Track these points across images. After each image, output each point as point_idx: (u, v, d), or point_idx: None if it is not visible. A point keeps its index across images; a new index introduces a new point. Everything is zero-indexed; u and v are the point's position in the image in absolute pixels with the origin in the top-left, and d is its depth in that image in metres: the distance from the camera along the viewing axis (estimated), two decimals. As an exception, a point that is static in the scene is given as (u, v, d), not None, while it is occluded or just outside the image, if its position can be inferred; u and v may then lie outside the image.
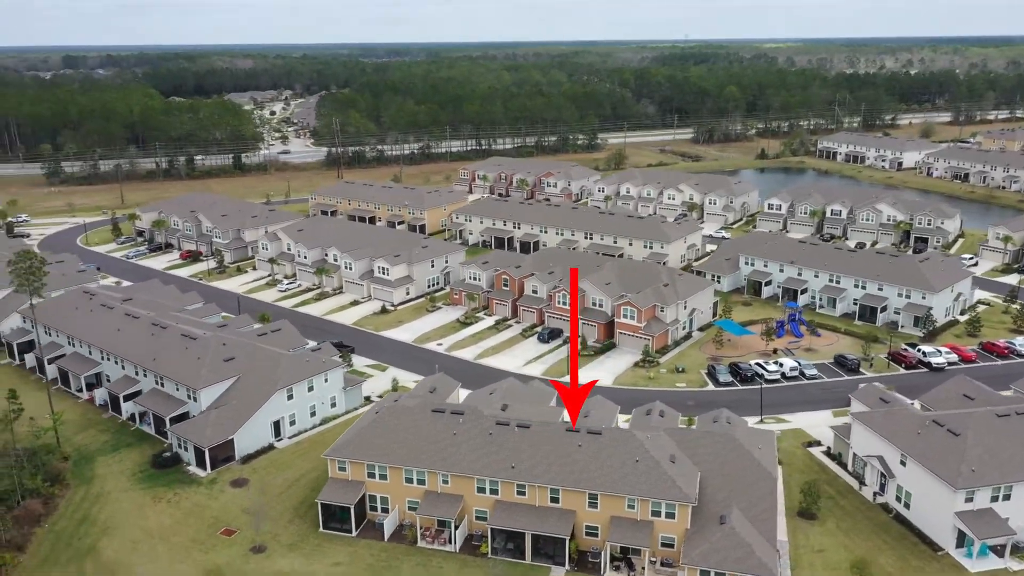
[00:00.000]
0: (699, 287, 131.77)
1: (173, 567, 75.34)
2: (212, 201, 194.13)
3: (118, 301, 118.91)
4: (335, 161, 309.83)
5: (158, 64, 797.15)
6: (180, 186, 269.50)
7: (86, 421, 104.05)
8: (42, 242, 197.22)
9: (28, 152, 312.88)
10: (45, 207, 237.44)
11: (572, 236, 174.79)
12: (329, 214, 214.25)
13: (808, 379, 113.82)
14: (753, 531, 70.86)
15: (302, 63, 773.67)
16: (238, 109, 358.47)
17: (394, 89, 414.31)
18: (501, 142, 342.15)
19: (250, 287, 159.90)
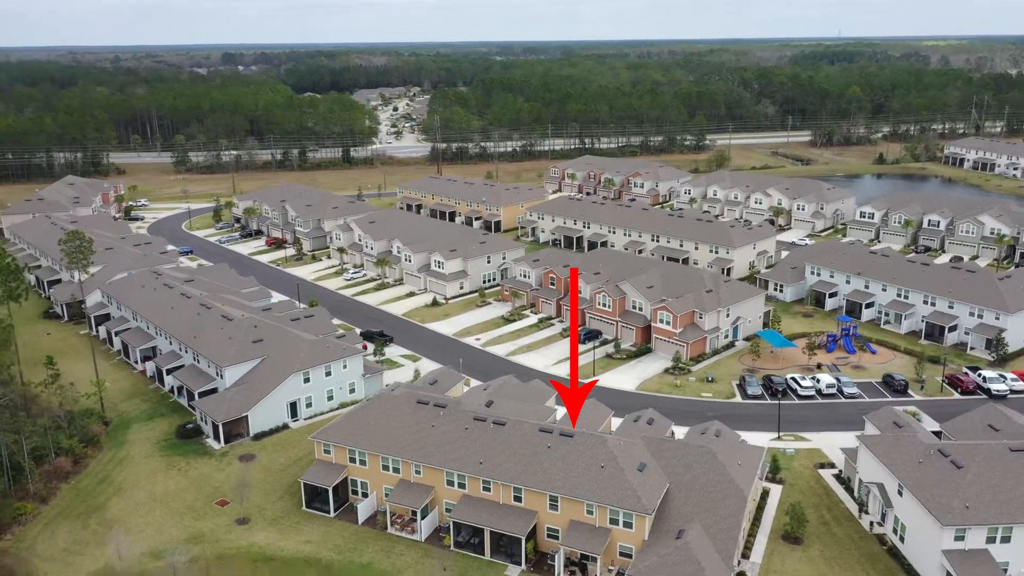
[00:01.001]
0: (746, 295, 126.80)
1: (163, 530, 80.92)
2: (300, 192, 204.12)
3: (180, 282, 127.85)
4: (438, 156, 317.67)
5: (301, 61, 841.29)
6: (288, 177, 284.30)
7: (135, 390, 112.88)
8: (151, 226, 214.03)
9: (164, 142, 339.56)
10: (166, 193, 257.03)
11: (639, 238, 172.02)
12: (414, 208, 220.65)
13: (846, 397, 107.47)
14: (710, 548, 68.28)
15: (433, 60, 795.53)
16: (354, 104, 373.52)
17: (506, 87, 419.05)
18: (606, 141, 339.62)
19: (320, 275, 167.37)
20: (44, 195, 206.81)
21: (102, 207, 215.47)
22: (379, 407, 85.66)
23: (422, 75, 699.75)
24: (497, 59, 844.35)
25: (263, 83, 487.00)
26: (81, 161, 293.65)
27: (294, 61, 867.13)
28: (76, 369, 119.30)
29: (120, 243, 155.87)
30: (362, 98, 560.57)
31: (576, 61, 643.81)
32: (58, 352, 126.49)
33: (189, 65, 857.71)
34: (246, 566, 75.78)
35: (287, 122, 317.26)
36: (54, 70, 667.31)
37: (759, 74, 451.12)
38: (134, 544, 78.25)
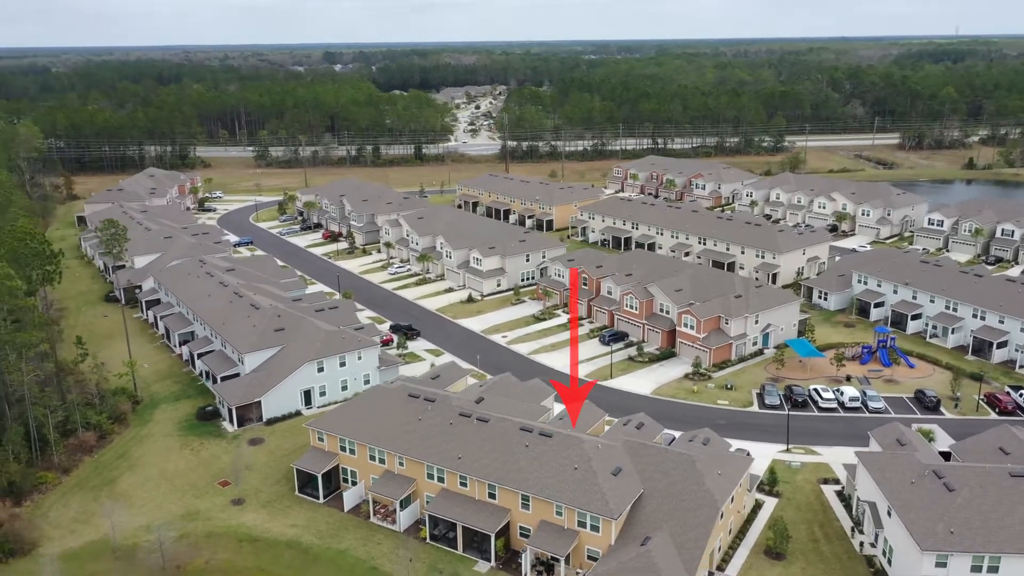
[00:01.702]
0: (779, 301, 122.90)
1: (163, 505, 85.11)
2: (359, 187, 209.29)
3: (221, 271, 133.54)
4: (508, 154, 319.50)
5: (396, 59, 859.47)
6: (360, 172, 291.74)
7: (169, 372, 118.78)
8: (222, 217, 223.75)
9: (249, 137, 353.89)
10: (241, 186, 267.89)
11: (686, 240, 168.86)
12: (470, 205, 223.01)
13: (871, 412, 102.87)
14: (673, 557, 66.96)
15: (522, 59, 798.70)
16: (430, 102, 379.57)
17: (583, 86, 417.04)
18: (679, 142, 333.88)
19: (367, 268, 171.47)
20: (124, 185, 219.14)
21: (177, 198, 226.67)
22: (373, 399, 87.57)
23: (509, 74, 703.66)
24: (588, 58, 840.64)
25: (348, 80, 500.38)
26: (169, 154, 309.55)
27: (390, 60, 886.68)
28: (122, 350, 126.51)
29: (180, 232, 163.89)
30: (447, 96, 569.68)
31: (664, 60, 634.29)
32: (109, 334, 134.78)
33: (291, 63, 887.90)
34: (231, 544, 78.90)
35: (361, 119, 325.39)
36: (163, 68, 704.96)
37: (850, 73, 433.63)
38: (135, 517, 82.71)
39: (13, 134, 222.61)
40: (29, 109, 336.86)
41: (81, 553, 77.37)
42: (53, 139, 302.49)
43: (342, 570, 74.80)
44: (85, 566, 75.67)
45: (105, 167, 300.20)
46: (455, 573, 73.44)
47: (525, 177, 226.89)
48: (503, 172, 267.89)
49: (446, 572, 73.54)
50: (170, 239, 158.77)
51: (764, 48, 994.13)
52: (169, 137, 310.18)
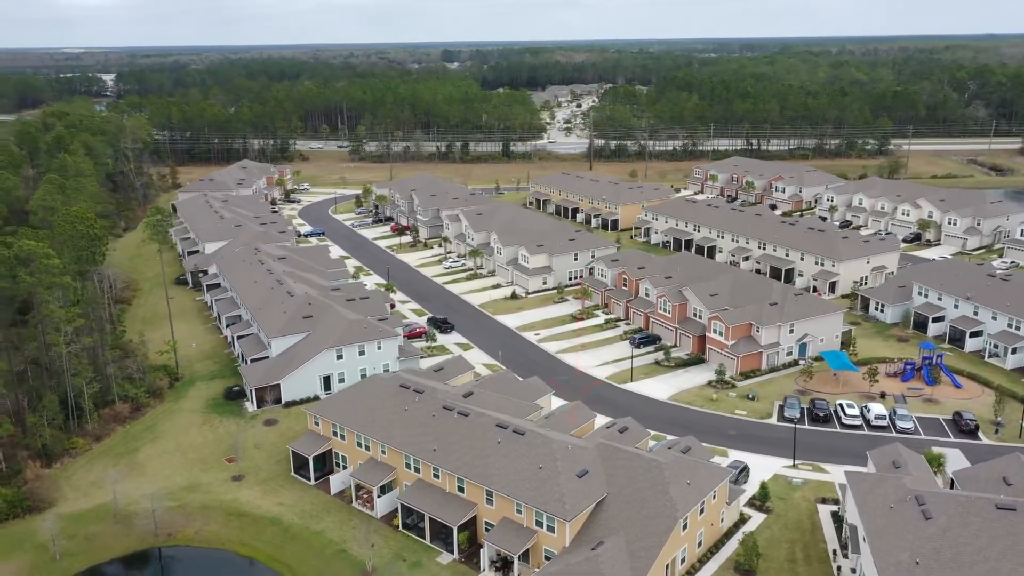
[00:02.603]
0: (819, 311, 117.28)
1: (171, 476, 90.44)
2: (430, 182, 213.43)
3: (272, 259, 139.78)
4: (596, 153, 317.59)
5: (509, 57, 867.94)
6: (447, 169, 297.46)
7: (213, 353, 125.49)
8: (304, 208, 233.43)
9: (349, 132, 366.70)
10: (329, 180, 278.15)
11: (746, 244, 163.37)
12: (541, 203, 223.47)
13: (898, 432, 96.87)
14: (623, 564, 65.71)
15: (633, 57, 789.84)
16: (525, 100, 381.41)
17: (682, 84, 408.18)
18: (776, 143, 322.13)
19: (423, 262, 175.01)
20: (216, 176, 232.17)
21: (265, 189, 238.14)
22: (367, 387, 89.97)
23: (617, 72, 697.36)
24: (702, 56, 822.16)
25: (452, 78, 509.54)
26: (271, 147, 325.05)
27: (504, 58, 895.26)
28: (180, 329, 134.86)
29: (249, 221, 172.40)
30: (551, 94, 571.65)
31: (777, 59, 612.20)
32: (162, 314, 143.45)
33: (411, 61, 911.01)
34: (221, 517, 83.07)
35: (452, 115, 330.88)
36: (286, 65, 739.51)
37: (975, 73, 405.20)
38: (143, 485, 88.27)
39: (121, 126, 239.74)
40: (148, 103, 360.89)
41: (87, 515, 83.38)
42: (167, 131, 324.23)
43: (313, 549, 77.42)
44: (86, 527, 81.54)
45: (212, 158, 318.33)
46: (418, 562, 74.67)
47: (596, 176, 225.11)
48: (586, 170, 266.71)
49: (409, 561, 74.87)
50: (240, 227, 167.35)
51: (896, 47, 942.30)
52: (271, 131, 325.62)
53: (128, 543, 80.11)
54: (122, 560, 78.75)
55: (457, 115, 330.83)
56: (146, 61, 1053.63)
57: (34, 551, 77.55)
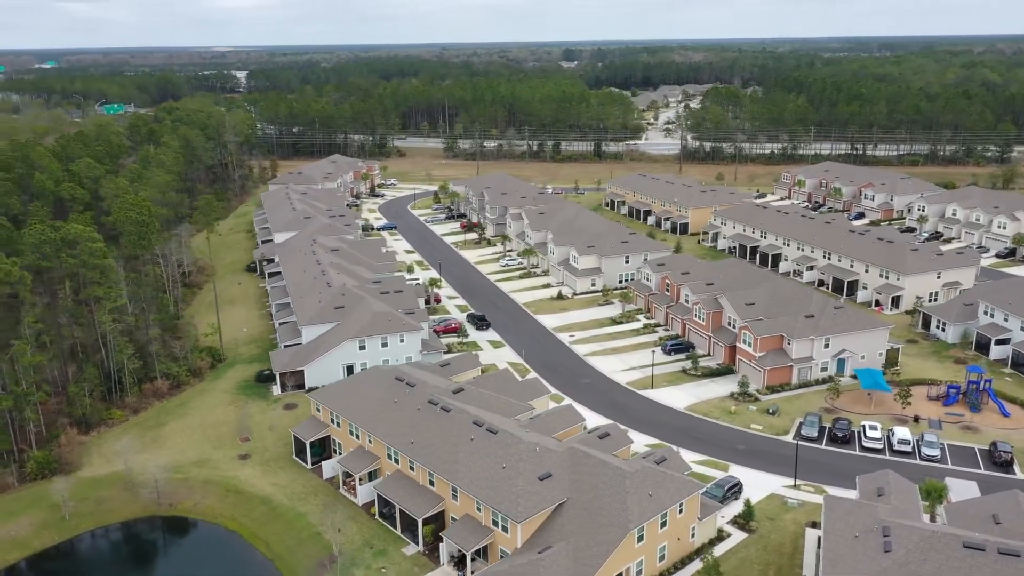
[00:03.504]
0: (859, 326, 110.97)
1: (184, 450, 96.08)
2: (503, 181, 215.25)
3: (325, 250, 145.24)
4: (690, 155, 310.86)
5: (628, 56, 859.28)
6: (534, 167, 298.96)
7: (259, 337, 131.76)
8: (386, 203, 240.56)
9: (448, 130, 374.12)
10: (417, 176, 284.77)
11: (811, 253, 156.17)
12: (615, 204, 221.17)
13: (922, 459, 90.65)
14: (565, 571, 64.99)
15: (754, 57, 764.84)
16: (624, 100, 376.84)
17: (788, 85, 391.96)
18: (883, 148, 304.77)
19: (482, 259, 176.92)
20: (304, 170, 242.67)
21: (351, 183, 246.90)
22: (366, 378, 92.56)
23: (734, 72, 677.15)
24: (827, 55, 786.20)
25: (556, 77, 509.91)
26: (370, 143, 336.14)
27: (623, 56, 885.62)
28: (238, 314, 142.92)
29: (319, 214, 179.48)
30: (661, 95, 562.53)
31: (904, 59, 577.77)
32: (234, 299, 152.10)
33: (532, 60, 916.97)
34: (219, 492, 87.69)
35: (545, 114, 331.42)
36: (405, 63, 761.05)
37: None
38: (160, 457, 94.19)
39: (222, 120, 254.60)
40: (262, 99, 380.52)
41: (101, 480, 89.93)
42: (276, 126, 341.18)
43: (292, 530, 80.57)
44: (99, 491, 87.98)
45: (315, 153, 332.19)
46: (384, 551, 76.39)
47: (672, 178, 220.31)
48: (676, 172, 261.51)
49: (376, 549, 76.69)
50: (309, 219, 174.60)
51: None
52: (371, 127, 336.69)
53: (133, 509, 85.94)
54: (123, 524, 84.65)
55: (549, 114, 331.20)
56: (282, 59, 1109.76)
57: (47, 510, 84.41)
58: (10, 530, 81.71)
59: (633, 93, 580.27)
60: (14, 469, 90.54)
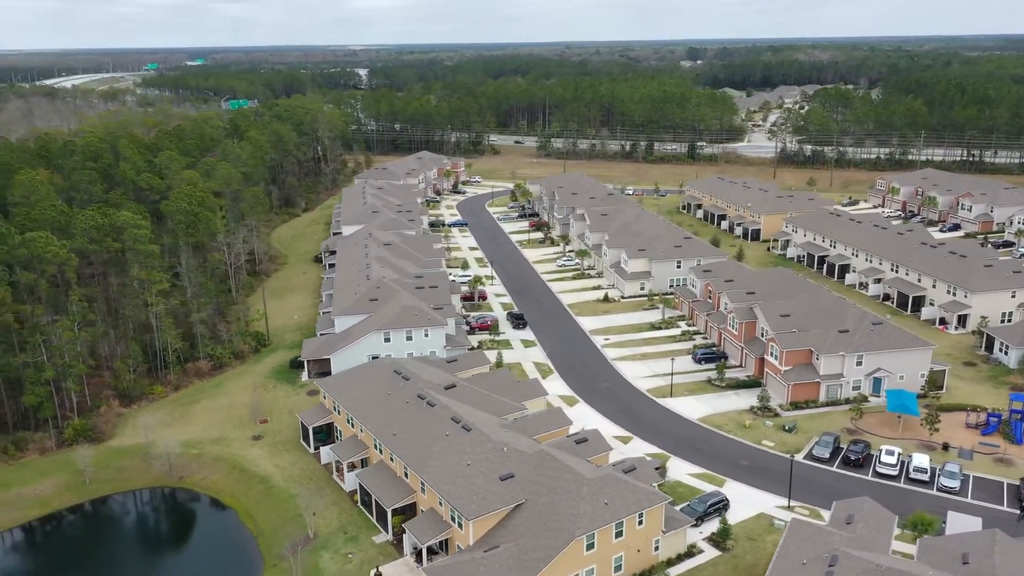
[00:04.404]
0: (898, 344, 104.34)
1: (206, 427, 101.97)
2: (578, 181, 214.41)
3: (378, 245, 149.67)
4: (788, 158, 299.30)
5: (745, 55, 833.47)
6: (624, 168, 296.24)
7: (307, 324, 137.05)
8: (466, 200, 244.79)
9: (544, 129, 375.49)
10: (502, 174, 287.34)
11: (879, 265, 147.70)
12: (692, 207, 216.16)
13: (939, 489, 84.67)
14: (507, 572, 65.18)
15: (886, 56, 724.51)
16: (725, 100, 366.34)
17: (906, 87, 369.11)
18: (1004, 155, 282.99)
19: (542, 258, 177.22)
20: (389, 166, 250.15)
21: (434, 180, 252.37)
22: (368, 369, 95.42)
23: (860, 72, 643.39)
24: (967, 54, 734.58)
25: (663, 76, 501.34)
26: (465, 140, 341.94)
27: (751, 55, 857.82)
28: (295, 301, 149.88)
29: (386, 208, 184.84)
30: (776, 95, 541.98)
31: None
32: (296, 286, 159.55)
33: (654, 59, 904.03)
34: (225, 469, 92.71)
35: (639, 114, 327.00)
36: (520, 62, 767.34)
37: None
38: (183, 432, 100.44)
39: (315, 117, 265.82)
40: (364, 96, 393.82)
41: (125, 450, 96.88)
42: (377, 122, 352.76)
43: (280, 510, 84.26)
44: (120, 460, 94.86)
45: (412, 149, 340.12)
46: (355, 537, 78.71)
47: (753, 182, 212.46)
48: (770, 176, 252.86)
49: (349, 534, 79.13)
50: (376, 214, 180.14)
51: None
52: (466, 125, 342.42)
53: (146, 479, 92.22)
54: (136, 492, 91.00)
55: (643, 114, 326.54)
56: (408, 57, 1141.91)
57: (73, 473, 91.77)
58: (36, 489, 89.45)
59: (748, 93, 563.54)
60: (53, 434, 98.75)
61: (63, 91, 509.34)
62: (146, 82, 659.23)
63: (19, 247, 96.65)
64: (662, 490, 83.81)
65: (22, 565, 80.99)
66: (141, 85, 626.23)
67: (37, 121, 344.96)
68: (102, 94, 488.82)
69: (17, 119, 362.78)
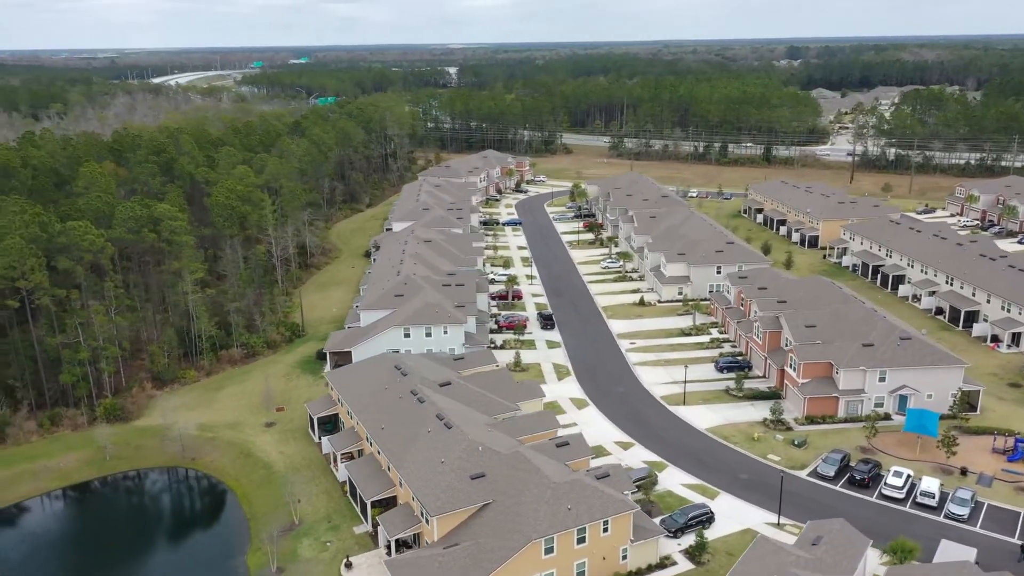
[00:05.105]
0: (927, 362, 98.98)
1: (225, 412, 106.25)
2: (635, 181, 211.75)
3: (418, 242, 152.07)
4: (870, 162, 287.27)
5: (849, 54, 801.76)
6: (693, 170, 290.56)
7: (341, 317, 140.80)
8: (524, 200, 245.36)
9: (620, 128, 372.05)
10: (571, 174, 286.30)
11: (934, 278, 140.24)
12: (752, 212, 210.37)
13: (946, 517, 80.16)
14: (463, 570, 65.73)
15: (999, 55, 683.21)
16: (809, 101, 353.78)
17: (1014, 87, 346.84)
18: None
19: (587, 259, 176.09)
20: (452, 163, 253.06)
21: (497, 178, 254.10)
22: (372, 363, 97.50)
23: (969, 72, 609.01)
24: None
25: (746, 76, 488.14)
26: (537, 139, 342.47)
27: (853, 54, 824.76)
28: (337, 294, 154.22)
29: (436, 205, 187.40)
30: (871, 97, 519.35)
31: None
32: (341, 280, 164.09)
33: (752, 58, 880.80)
34: (233, 453, 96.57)
35: (713, 115, 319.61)
36: (607, 61, 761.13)
37: None
38: (203, 416, 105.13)
39: (383, 115, 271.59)
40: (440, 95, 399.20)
41: (147, 430, 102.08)
42: (451, 119, 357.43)
43: (275, 496, 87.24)
44: (140, 439, 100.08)
45: (486, 147, 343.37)
46: (337, 527, 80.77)
47: (814, 186, 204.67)
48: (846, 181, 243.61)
49: (332, 523, 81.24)
50: (427, 211, 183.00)
51: None
52: (539, 124, 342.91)
53: (161, 459, 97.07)
54: (150, 470, 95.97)
55: (718, 115, 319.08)
56: (503, 56, 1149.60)
57: (95, 450, 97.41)
58: (60, 462, 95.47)
59: (842, 94, 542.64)
60: (86, 412, 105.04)
61: (166, 88, 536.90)
62: (245, 79, 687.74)
63: (59, 235, 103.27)
64: (652, 499, 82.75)
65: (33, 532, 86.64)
66: (240, 82, 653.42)
67: (138, 116, 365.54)
68: (200, 91, 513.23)
69: (122, 114, 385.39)
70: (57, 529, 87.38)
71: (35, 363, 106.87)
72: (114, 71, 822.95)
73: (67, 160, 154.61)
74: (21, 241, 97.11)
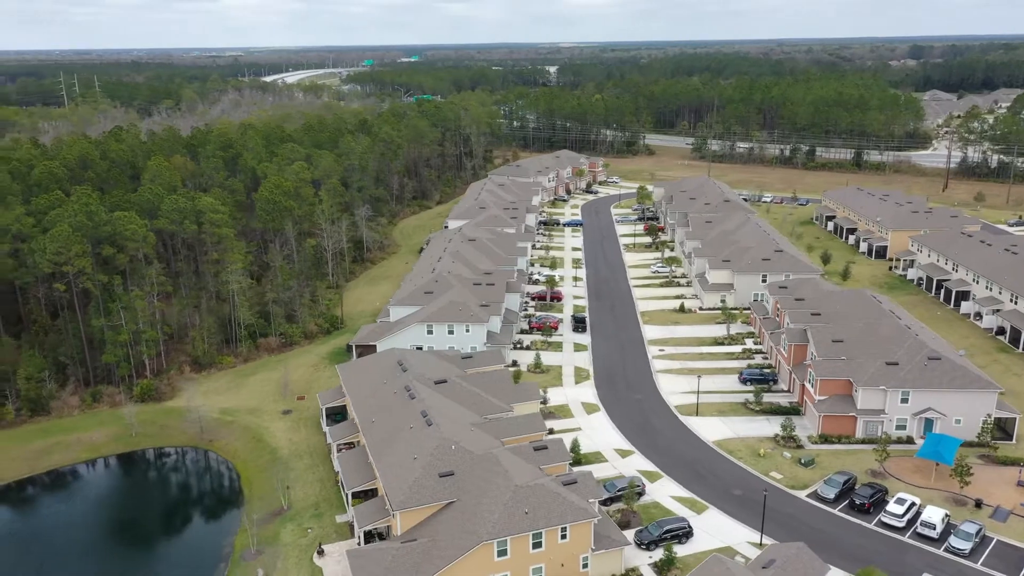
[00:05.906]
0: (956, 384, 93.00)
1: (246, 399, 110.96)
2: (702, 184, 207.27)
3: (462, 240, 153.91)
4: (969, 169, 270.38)
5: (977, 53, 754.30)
6: (775, 174, 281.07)
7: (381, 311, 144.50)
8: (592, 201, 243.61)
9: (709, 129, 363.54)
10: (644, 176, 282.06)
11: (998, 295, 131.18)
12: (824, 219, 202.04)
13: (947, 551, 75.41)
14: (415, 564, 66.84)
15: None
16: (913, 104, 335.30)
17: None
18: None
19: (639, 262, 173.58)
20: (523, 163, 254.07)
21: (568, 178, 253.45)
22: (378, 358, 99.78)
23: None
24: None
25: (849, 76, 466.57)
26: (619, 140, 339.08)
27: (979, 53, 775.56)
28: (385, 288, 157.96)
29: (498, 205, 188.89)
30: (989, 100, 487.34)
31: None
32: (392, 275, 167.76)
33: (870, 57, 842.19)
34: (247, 437, 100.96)
35: (802, 117, 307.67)
36: (712, 60, 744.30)
37: None
38: (228, 400, 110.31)
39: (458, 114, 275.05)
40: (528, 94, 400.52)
41: (171, 410, 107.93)
42: (536, 119, 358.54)
43: (275, 480, 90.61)
44: (166, 419, 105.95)
45: (568, 146, 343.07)
46: (322, 514, 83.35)
47: (888, 193, 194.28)
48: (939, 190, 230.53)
49: (318, 511, 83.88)
50: (483, 210, 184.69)
51: None
52: (621, 124, 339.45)
53: (181, 439, 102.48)
54: (170, 448, 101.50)
55: (806, 118, 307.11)
56: (609, 55, 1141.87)
57: (121, 427, 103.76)
58: (92, 436, 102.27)
59: (959, 96, 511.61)
60: (124, 391, 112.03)
61: (273, 85, 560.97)
62: (350, 77, 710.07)
63: (105, 224, 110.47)
64: (634, 509, 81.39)
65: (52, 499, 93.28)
66: (345, 80, 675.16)
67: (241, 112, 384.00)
68: (304, 87, 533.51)
69: (227, 110, 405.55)
70: (70, 499, 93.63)
71: (82, 343, 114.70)
72: (234, 69, 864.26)
73: (143, 154, 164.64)
74: (68, 228, 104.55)
